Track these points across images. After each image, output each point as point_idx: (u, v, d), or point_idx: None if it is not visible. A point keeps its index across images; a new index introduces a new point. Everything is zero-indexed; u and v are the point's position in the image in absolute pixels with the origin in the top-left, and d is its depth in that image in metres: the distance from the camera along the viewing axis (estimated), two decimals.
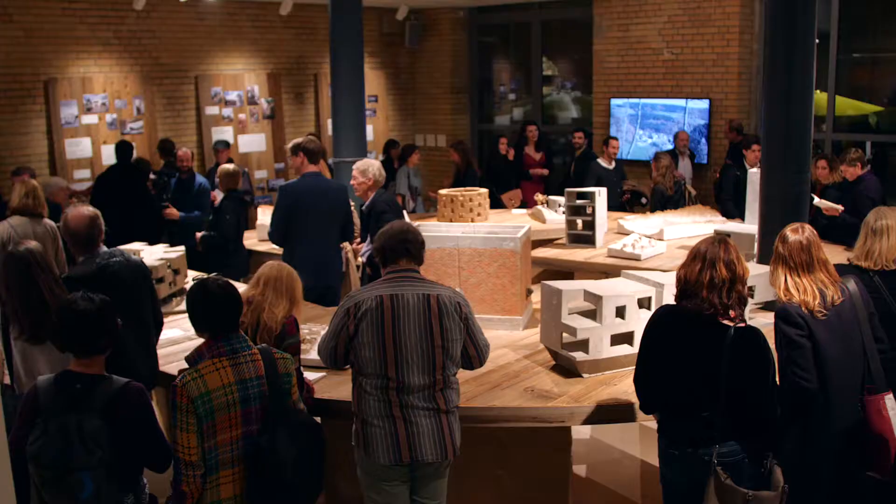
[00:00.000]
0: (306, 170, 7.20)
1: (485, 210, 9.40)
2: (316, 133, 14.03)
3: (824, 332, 4.19)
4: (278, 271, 4.67)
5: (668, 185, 10.38)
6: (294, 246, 7.02)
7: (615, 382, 4.82)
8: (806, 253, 4.31)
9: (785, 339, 4.20)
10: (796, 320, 4.17)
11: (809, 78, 5.94)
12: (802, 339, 4.16)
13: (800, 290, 4.26)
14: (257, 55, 13.37)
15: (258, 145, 13.32)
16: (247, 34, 13.21)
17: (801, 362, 4.15)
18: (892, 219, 5.07)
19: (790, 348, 4.18)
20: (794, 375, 4.15)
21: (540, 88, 15.22)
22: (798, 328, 4.16)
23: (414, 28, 15.18)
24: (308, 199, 7.05)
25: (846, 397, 4.29)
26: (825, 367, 4.19)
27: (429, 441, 4.12)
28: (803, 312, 4.18)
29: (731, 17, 12.18)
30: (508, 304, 5.74)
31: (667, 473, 4.10)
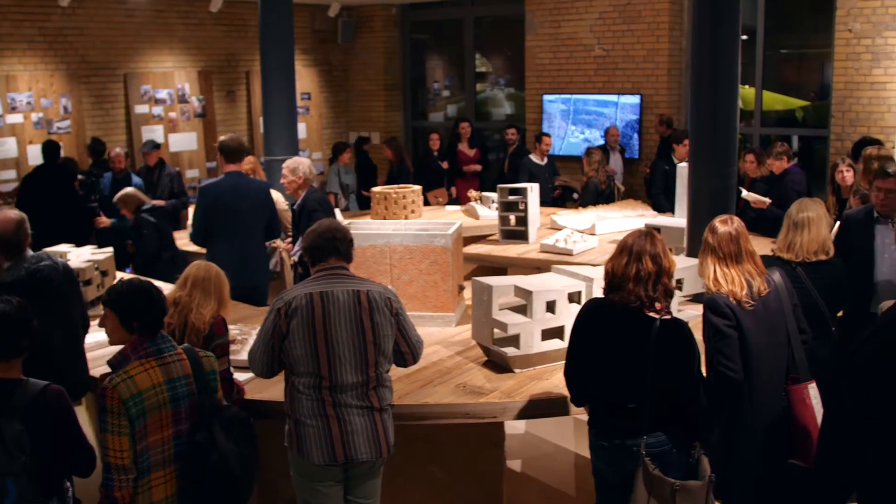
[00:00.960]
0: (226, 169, 7.12)
1: (418, 207, 9.39)
2: (248, 131, 13.92)
3: (751, 322, 4.25)
4: (206, 271, 4.60)
5: (600, 180, 10.47)
6: (216, 246, 6.91)
7: (547, 377, 4.84)
8: (734, 244, 4.36)
9: (713, 329, 4.23)
10: (724, 311, 4.21)
11: (734, 73, 6.02)
12: (730, 329, 4.20)
13: (728, 281, 4.31)
14: (187, 53, 13.19)
15: (189, 144, 13.15)
16: (176, 31, 13.02)
17: (727, 352, 4.19)
18: (814, 211, 5.17)
19: (717, 338, 4.21)
20: (721, 365, 4.19)
21: (473, 85, 15.25)
22: (726, 318, 4.21)
23: (347, 25, 15.11)
24: (228, 198, 6.93)
25: (771, 387, 4.35)
26: (751, 357, 4.24)
27: (363, 440, 4.11)
28: (731, 303, 4.23)
29: (661, 14, 12.32)
30: (440, 300, 5.74)
31: (597, 465, 4.14)
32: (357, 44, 15.43)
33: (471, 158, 12.71)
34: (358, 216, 10.16)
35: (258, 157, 10.07)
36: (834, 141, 11.14)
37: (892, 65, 10.69)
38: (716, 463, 4.11)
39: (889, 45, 10.68)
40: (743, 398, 4.27)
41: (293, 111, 9.22)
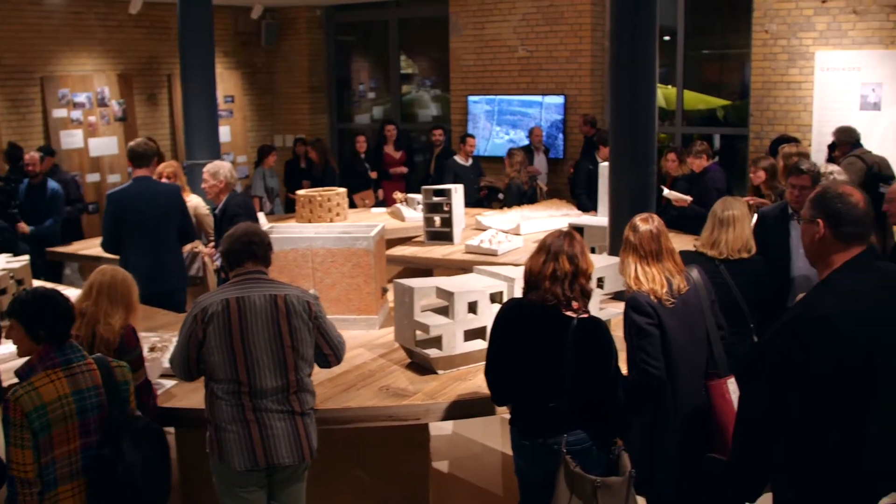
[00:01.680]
0: (136, 174, 7.03)
1: (344, 210, 9.33)
2: (171, 135, 13.73)
3: (672, 319, 4.30)
4: (111, 277, 4.48)
5: (522, 181, 10.53)
6: (128, 252, 6.81)
7: (470, 377, 4.85)
8: (655, 242, 4.41)
9: (634, 327, 4.28)
10: (645, 309, 4.26)
11: (652, 74, 6.10)
12: (651, 327, 4.25)
13: (648, 279, 4.35)
14: (107, 55, 12.94)
15: (110, 148, 12.88)
16: (95, 33, 12.76)
17: (649, 350, 4.24)
18: (738, 209, 5.26)
19: (639, 336, 4.26)
20: (644, 363, 4.24)
21: (399, 87, 15.23)
22: (647, 316, 4.25)
23: (270, 27, 14.97)
24: (137, 203, 6.85)
25: (692, 383, 4.41)
26: (673, 354, 4.29)
27: (284, 444, 4.07)
28: (652, 301, 4.27)
29: (583, 15, 12.44)
30: (363, 303, 5.72)
31: (520, 464, 4.16)
32: (281, 46, 15.29)
33: (396, 161, 12.70)
34: (283, 219, 10.07)
35: (181, 161, 9.92)
36: (753, 139, 11.35)
37: (808, 65, 10.93)
38: (638, 459, 4.17)
39: (804, 46, 10.92)
40: (665, 395, 4.33)
41: (214, 115, 9.11)
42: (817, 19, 10.83)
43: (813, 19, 10.86)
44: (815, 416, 3.08)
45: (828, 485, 3.11)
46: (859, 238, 3.24)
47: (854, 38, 10.65)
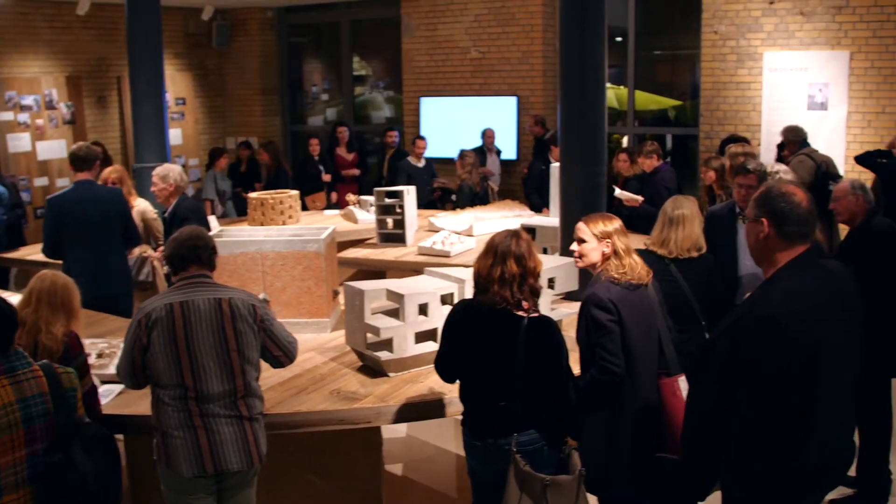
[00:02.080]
0: (77, 177, 6.96)
1: (296, 212, 9.28)
2: (121, 138, 13.57)
3: (630, 316, 4.31)
4: (51, 283, 4.38)
5: (474, 182, 10.55)
6: (69, 257, 6.76)
7: (421, 380, 4.84)
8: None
9: (596, 323, 4.24)
10: (607, 305, 4.22)
11: (601, 75, 6.12)
12: (612, 324, 4.23)
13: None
14: (54, 57, 12.76)
15: (58, 152, 12.66)
16: (42, 35, 12.58)
17: (610, 347, 4.22)
18: (688, 208, 5.30)
19: (601, 333, 4.23)
20: (604, 360, 4.21)
21: (351, 88, 15.19)
22: (609, 313, 4.23)
23: (221, 28, 14.86)
24: (77, 208, 6.80)
25: (647, 380, 4.42)
26: (630, 351, 4.30)
27: (233, 449, 4.03)
28: (613, 298, 4.27)
29: (535, 16, 12.49)
30: (314, 306, 5.69)
31: (472, 464, 4.17)
32: (232, 47, 15.19)
33: (349, 163, 12.66)
34: (235, 222, 9.99)
35: (131, 164, 9.81)
36: (703, 139, 11.46)
37: (756, 65, 11.06)
38: (594, 457, 4.20)
39: (752, 47, 11.04)
40: (624, 393, 4.33)
41: (163, 117, 9.00)
42: (765, 20, 10.96)
43: (761, 20, 10.99)
44: (763, 414, 3.10)
45: (776, 481, 3.13)
46: (803, 237, 3.28)
47: (801, 39, 10.79)
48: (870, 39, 10.46)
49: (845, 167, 10.38)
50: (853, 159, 9.52)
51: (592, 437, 4.39)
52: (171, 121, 13.52)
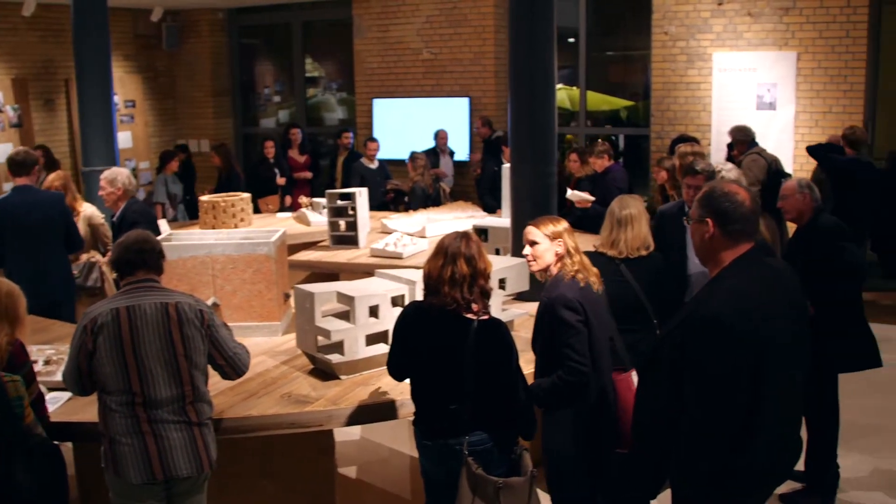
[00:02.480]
0: (16, 182, 6.88)
1: (248, 215, 9.23)
2: (69, 141, 13.39)
3: (594, 315, 4.33)
4: None
5: (426, 184, 10.55)
6: (9, 263, 6.67)
7: (373, 382, 4.82)
8: None
9: (564, 324, 4.25)
10: (575, 306, 4.24)
11: (551, 75, 6.14)
12: (581, 324, 4.25)
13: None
14: (0, 59, 12.57)
15: (5, 156, 12.47)
16: None
17: (579, 348, 4.23)
18: (635, 208, 5.34)
19: (570, 334, 4.24)
20: (573, 361, 4.23)
21: (304, 90, 15.12)
22: (577, 313, 4.24)
23: (171, 30, 14.72)
24: (16, 213, 6.74)
25: (607, 379, 4.45)
26: (595, 350, 4.32)
27: (182, 455, 3.99)
28: (579, 298, 4.29)
29: (487, 17, 12.52)
30: (266, 310, 5.65)
31: (424, 465, 4.18)
32: (183, 49, 15.05)
33: (301, 165, 12.60)
34: (187, 226, 9.91)
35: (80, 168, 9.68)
36: (654, 139, 11.57)
37: (706, 66, 11.18)
38: (562, 457, 4.26)
39: (702, 47, 11.16)
40: (589, 391, 4.35)
41: (111, 120, 8.88)
42: (714, 21, 11.09)
43: (710, 21, 11.11)
44: (710, 413, 3.13)
45: (724, 478, 3.16)
46: (747, 235, 3.32)
47: (750, 39, 10.94)
48: (816, 40, 10.63)
49: (794, 166, 10.53)
50: (805, 149, 9.68)
51: (559, 438, 4.41)
52: (120, 124, 13.37)
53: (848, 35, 10.49)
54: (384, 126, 13.26)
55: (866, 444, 6.45)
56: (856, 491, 5.89)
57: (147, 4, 13.84)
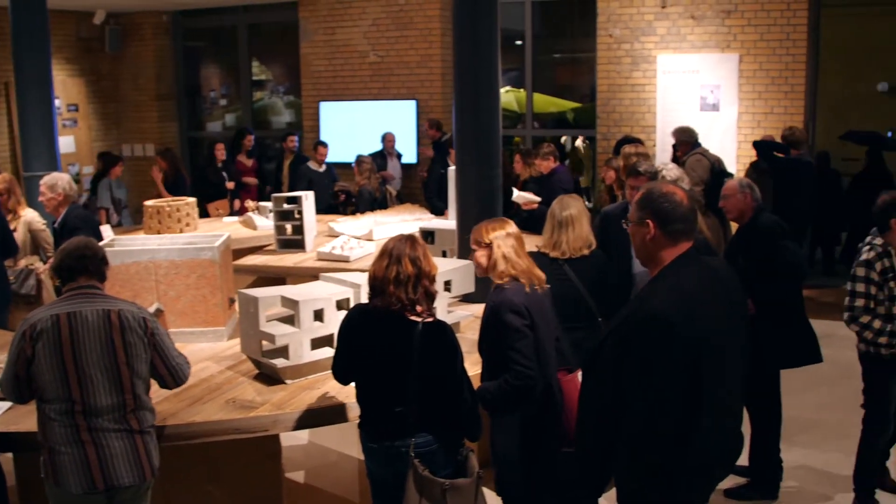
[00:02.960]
0: None
1: (194, 220, 9.14)
2: (10, 146, 13.18)
3: (540, 319, 4.35)
4: None
5: (373, 187, 10.55)
6: None
7: (318, 386, 4.80)
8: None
9: (510, 328, 4.26)
10: (521, 309, 4.26)
11: (495, 78, 6.17)
12: (527, 328, 4.26)
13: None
14: None
15: None
16: None
17: (525, 352, 4.25)
18: (575, 208, 5.39)
19: (516, 338, 4.25)
20: (519, 365, 4.24)
21: (250, 93, 15.02)
22: (523, 317, 4.26)
23: (114, 33, 14.54)
24: None
25: (553, 380, 4.48)
26: (542, 352, 4.35)
27: (123, 464, 3.94)
28: (525, 302, 4.30)
29: (433, 20, 12.53)
30: (210, 315, 5.60)
31: (370, 466, 4.17)
32: (126, 52, 14.87)
33: (249, 169, 12.51)
34: (131, 231, 9.79)
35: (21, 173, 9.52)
36: (601, 141, 11.65)
37: (650, 68, 11.28)
38: (509, 459, 4.29)
39: (646, 50, 11.27)
40: (536, 394, 4.37)
41: (52, 125, 8.76)
42: (658, 24, 11.20)
43: (654, 24, 11.22)
44: (652, 409, 3.16)
45: (667, 473, 3.19)
46: (687, 234, 3.36)
47: (693, 42, 11.06)
48: (757, 42, 10.79)
49: (737, 166, 10.67)
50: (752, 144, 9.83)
51: (505, 440, 4.43)
52: (62, 128, 13.20)
53: (788, 37, 10.66)
54: (331, 129, 13.22)
55: (808, 438, 6.55)
56: (798, 484, 5.98)
57: (89, 7, 13.66)
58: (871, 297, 5.27)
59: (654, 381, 3.15)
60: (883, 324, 5.24)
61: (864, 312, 5.28)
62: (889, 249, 5.25)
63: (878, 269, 5.24)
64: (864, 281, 5.27)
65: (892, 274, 5.24)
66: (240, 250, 8.58)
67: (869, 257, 5.27)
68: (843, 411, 5.56)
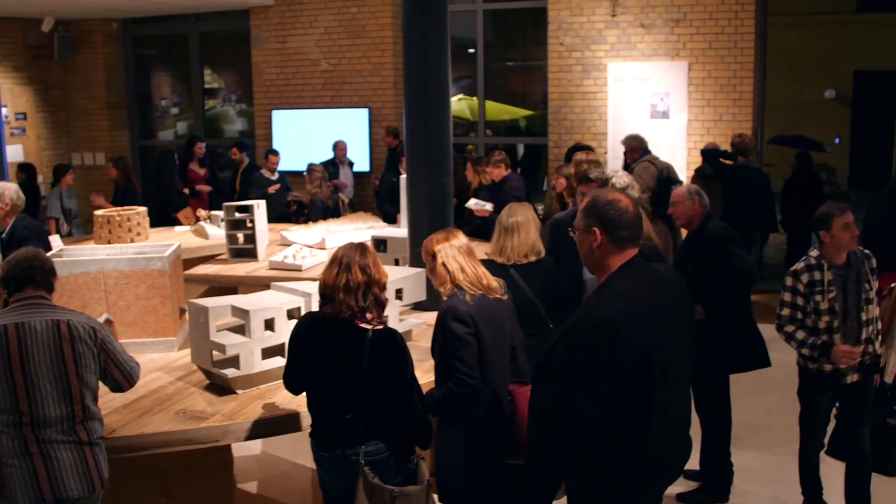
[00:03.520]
0: None
1: (145, 229, 9.05)
2: None
3: (487, 328, 4.37)
4: None
5: (325, 196, 10.53)
6: None
7: (270, 396, 4.78)
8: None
9: (452, 336, 4.29)
10: (464, 318, 4.28)
11: (445, 85, 6.18)
12: (470, 336, 4.28)
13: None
14: None
15: None
16: None
17: (468, 360, 4.27)
18: (522, 215, 5.44)
19: (459, 346, 4.28)
20: (461, 373, 4.27)
21: (202, 101, 14.90)
22: (466, 325, 4.28)
23: (63, 40, 14.35)
24: None
25: (501, 391, 4.50)
26: (487, 362, 4.36)
27: (72, 476, 3.91)
28: (470, 310, 4.32)
29: (385, 28, 12.55)
30: (160, 325, 5.56)
31: (322, 476, 4.18)
32: (76, 60, 14.68)
33: (201, 177, 12.43)
34: (82, 241, 9.68)
35: None
36: (552, 148, 11.73)
37: (601, 76, 11.39)
38: (452, 468, 4.28)
39: (596, 58, 11.37)
40: (480, 403, 4.38)
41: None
42: (608, 32, 11.31)
43: (604, 32, 11.33)
44: (601, 415, 3.18)
45: (617, 478, 3.22)
46: (633, 241, 3.40)
47: (643, 50, 11.19)
48: (706, 50, 10.93)
49: (687, 173, 10.79)
50: (700, 152, 9.96)
51: (448, 449, 4.44)
52: (10, 136, 13.04)
53: (736, 45, 10.82)
54: (284, 137, 13.17)
55: (758, 441, 6.65)
56: (749, 487, 6.07)
57: (38, 14, 13.50)
58: (797, 307, 5.26)
59: (602, 386, 3.18)
60: (806, 336, 5.21)
61: (790, 322, 5.29)
62: (822, 262, 5.21)
63: (805, 281, 5.21)
64: (790, 291, 5.28)
65: (819, 288, 5.18)
66: (191, 260, 8.51)
67: (797, 268, 5.27)
68: (791, 415, 5.63)
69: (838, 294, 5.18)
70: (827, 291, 5.17)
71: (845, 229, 5.13)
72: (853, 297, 5.21)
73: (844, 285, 5.20)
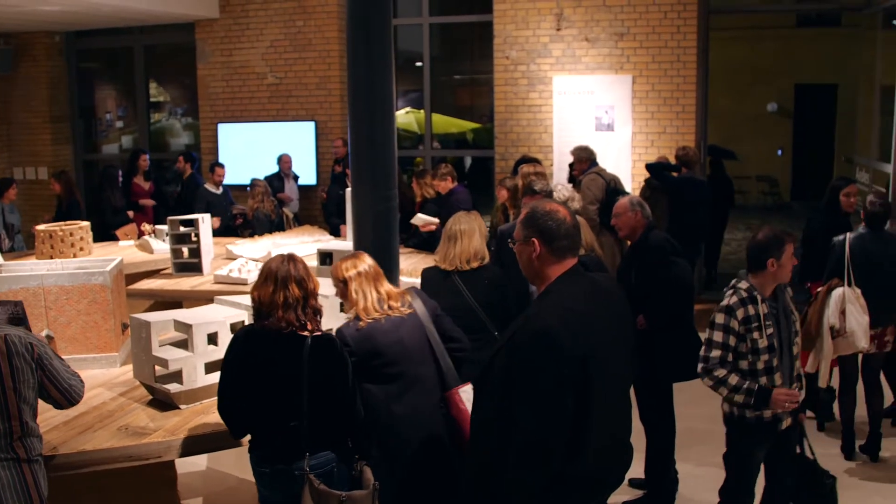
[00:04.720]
0: None
1: (88, 244, 8.94)
2: None
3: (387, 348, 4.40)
4: None
5: (269, 210, 10.50)
6: None
7: (213, 410, 4.72)
8: None
9: None
10: (346, 342, 4.30)
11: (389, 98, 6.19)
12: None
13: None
14: None
15: None
16: None
17: None
18: (466, 224, 5.55)
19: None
20: None
21: (147, 115, 14.77)
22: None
23: (5, 53, 14.14)
24: None
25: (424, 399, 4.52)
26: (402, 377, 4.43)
27: (10, 495, 3.85)
28: (353, 336, 4.33)
29: (331, 42, 12.55)
30: (102, 341, 5.50)
31: (262, 492, 4.15)
32: (18, 73, 14.45)
33: (146, 192, 12.32)
34: (23, 256, 9.54)
35: None
36: (499, 161, 11.80)
37: (546, 89, 11.48)
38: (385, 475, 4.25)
39: (542, 71, 11.47)
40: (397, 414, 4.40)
41: None
42: (553, 46, 11.42)
43: (549, 46, 11.43)
44: (539, 424, 3.19)
45: (555, 488, 3.23)
46: (572, 250, 3.44)
47: (587, 63, 11.30)
48: (650, 64, 11.08)
49: (632, 185, 10.91)
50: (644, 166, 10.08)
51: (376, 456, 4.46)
52: None
53: (679, 59, 10.98)
54: (230, 151, 13.10)
55: (703, 449, 6.71)
56: (694, 495, 6.13)
57: None
58: (728, 348, 4.64)
59: (540, 396, 3.19)
60: (740, 380, 4.59)
61: (719, 366, 4.64)
62: (755, 294, 4.63)
63: (740, 318, 4.59)
64: (722, 329, 4.64)
65: (756, 324, 4.59)
66: (136, 274, 8.44)
67: (730, 303, 4.64)
68: None
69: (774, 330, 4.65)
70: (765, 327, 4.60)
71: (792, 258, 4.66)
72: (785, 331, 4.71)
73: (777, 319, 4.69)
